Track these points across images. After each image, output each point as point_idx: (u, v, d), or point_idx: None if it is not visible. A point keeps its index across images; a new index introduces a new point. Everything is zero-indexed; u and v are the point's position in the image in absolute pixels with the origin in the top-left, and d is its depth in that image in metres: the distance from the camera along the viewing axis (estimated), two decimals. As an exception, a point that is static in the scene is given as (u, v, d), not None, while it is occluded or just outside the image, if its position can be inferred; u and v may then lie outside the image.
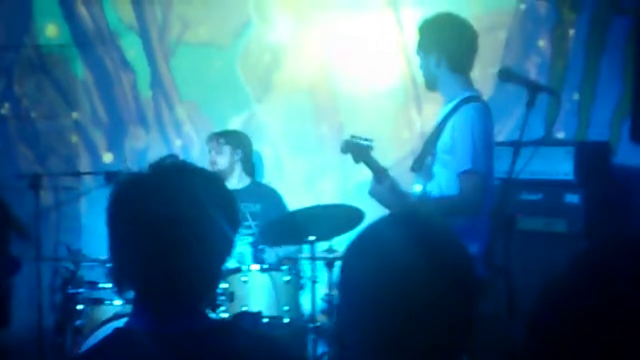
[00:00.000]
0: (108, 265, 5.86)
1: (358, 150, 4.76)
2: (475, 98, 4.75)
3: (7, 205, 6.80)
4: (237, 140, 6.89)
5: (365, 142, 4.76)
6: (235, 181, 6.80)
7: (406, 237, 1.89)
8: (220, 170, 6.64)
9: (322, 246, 6.11)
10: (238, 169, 6.87)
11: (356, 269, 1.92)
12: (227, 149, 6.81)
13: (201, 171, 2.38)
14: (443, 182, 4.67)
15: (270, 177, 7.49)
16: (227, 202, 2.33)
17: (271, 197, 6.86)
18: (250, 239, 6.31)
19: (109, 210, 2.26)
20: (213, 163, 6.73)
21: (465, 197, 4.54)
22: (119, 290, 2.34)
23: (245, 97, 7.70)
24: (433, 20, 4.90)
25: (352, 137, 4.84)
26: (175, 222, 2.19)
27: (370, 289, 1.86)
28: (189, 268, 2.21)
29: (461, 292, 1.87)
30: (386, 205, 4.66)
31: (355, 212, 5.78)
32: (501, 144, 5.09)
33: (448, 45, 4.78)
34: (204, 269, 2.25)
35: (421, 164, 4.82)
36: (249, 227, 6.33)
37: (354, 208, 5.84)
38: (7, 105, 7.89)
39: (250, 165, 6.99)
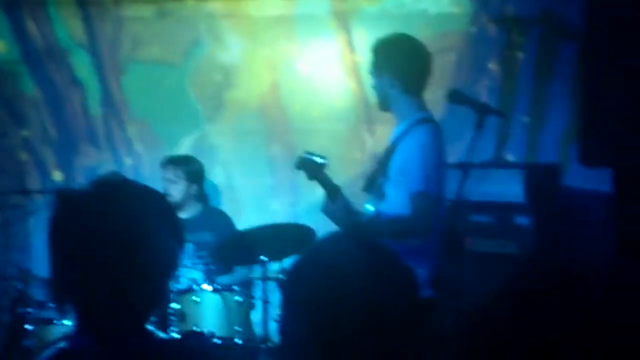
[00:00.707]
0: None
1: (312, 167, 4.76)
2: (427, 120, 4.77)
3: None
4: (194, 174, 6.78)
5: (320, 160, 4.76)
6: (187, 211, 6.73)
7: (350, 255, 1.89)
8: (174, 202, 6.56)
9: (273, 266, 6.09)
10: (191, 200, 6.80)
11: (300, 286, 1.92)
12: (182, 182, 6.72)
13: (142, 188, 2.36)
14: (395, 202, 4.67)
15: (221, 198, 7.47)
16: (169, 219, 2.30)
17: (222, 224, 6.79)
18: (202, 267, 6.25)
19: (50, 226, 2.24)
20: (166, 194, 6.61)
21: (417, 219, 4.54)
22: (60, 309, 2.30)
23: (196, 116, 7.69)
24: (387, 41, 4.90)
25: (307, 153, 4.83)
26: (116, 240, 2.16)
27: (314, 306, 1.86)
28: (131, 286, 2.18)
29: (404, 312, 1.87)
30: (338, 224, 4.67)
31: (307, 231, 5.77)
32: (451, 165, 5.11)
33: (402, 66, 4.79)
34: (147, 287, 2.22)
35: (373, 184, 4.83)
36: (202, 256, 6.29)
37: (306, 227, 5.83)
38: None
39: (203, 194, 6.93)
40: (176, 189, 6.68)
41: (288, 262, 6.09)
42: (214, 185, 7.47)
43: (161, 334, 4.44)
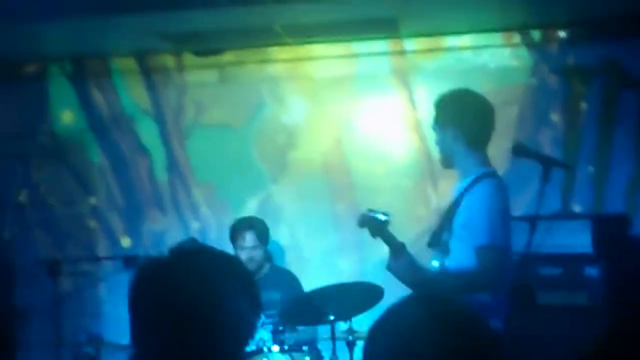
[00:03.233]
0: (129, 350, 5.85)
1: (375, 225, 4.72)
2: (491, 174, 4.73)
3: None
4: (266, 236, 6.84)
5: (382, 217, 4.73)
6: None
7: (428, 317, 1.88)
8: (254, 267, 6.61)
9: (342, 326, 6.08)
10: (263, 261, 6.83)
11: (379, 351, 1.91)
12: (261, 246, 6.76)
13: (221, 255, 2.37)
14: (460, 257, 4.63)
15: (287, 257, 7.50)
16: (248, 286, 2.32)
17: (289, 283, 6.82)
18: (270, 327, 6.26)
19: (130, 294, 2.26)
20: (247, 259, 6.63)
21: (484, 272, 4.50)
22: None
23: (260, 177, 7.74)
24: (450, 96, 4.88)
25: (369, 210, 4.81)
26: (197, 308, 2.18)
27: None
28: (210, 353, 2.20)
29: None
30: (404, 281, 4.63)
31: (374, 289, 5.75)
32: (518, 218, 5.07)
33: (465, 120, 4.75)
34: (225, 353, 2.24)
35: (438, 240, 4.80)
36: (270, 315, 6.30)
37: (373, 285, 5.81)
38: (24, 192, 7.92)
39: (269, 253, 6.96)
40: (258, 254, 6.70)
41: (356, 321, 6.09)
42: (277, 245, 7.50)
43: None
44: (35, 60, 8.01)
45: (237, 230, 6.79)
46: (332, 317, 5.87)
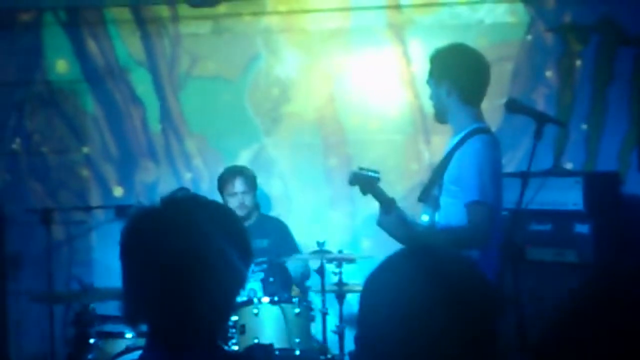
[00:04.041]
0: (120, 299, 5.88)
1: (365, 182, 4.73)
2: (483, 130, 4.73)
3: None
4: (255, 183, 6.88)
5: (373, 174, 4.74)
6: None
7: (423, 270, 1.89)
8: (245, 213, 6.66)
9: (332, 279, 6.12)
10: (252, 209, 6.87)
11: (374, 305, 1.92)
12: (252, 192, 6.80)
13: (212, 204, 2.38)
14: (450, 213, 4.65)
15: (278, 210, 7.52)
16: (239, 235, 2.33)
17: (279, 231, 6.87)
18: (261, 275, 6.30)
19: (121, 244, 2.27)
20: (237, 206, 6.68)
21: (473, 228, 4.51)
22: (131, 324, 2.34)
23: (254, 130, 7.74)
24: (446, 50, 4.87)
25: (360, 168, 4.82)
26: (187, 256, 2.20)
27: (389, 325, 1.86)
28: (201, 301, 2.21)
29: (483, 318, 1.88)
30: (394, 236, 4.64)
31: None
32: (509, 174, 5.08)
33: (460, 75, 4.74)
34: (216, 302, 2.25)
35: (428, 195, 4.81)
36: (260, 263, 6.34)
37: None
38: (18, 140, 7.92)
39: (257, 201, 6.99)
40: (248, 199, 6.75)
41: (346, 273, 6.13)
42: (269, 197, 7.54)
43: (229, 348, 4.50)
44: (30, 9, 7.97)
45: (226, 177, 6.84)
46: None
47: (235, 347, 5.75)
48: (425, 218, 4.76)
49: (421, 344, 1.83)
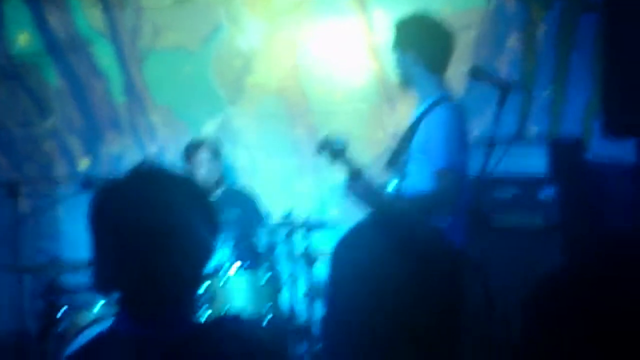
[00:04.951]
0: (88, 270, 5.87)
1: (333, 150, 4.77)
2: (449, 98, 4.78)
3: None
4: (218, 152, 6.86)
5: (339, 142, 4.78)
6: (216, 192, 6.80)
7: (390, 237, 1.90)
8: (211, 183, 6.67)
9: (300, 244, 6.16)
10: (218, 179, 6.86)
11: (342, 273, 1.94)
12: (216, 161, 6.79)
13: (178, 177, 2.39)
14: (417, 180, 4.69)
15: (245, 180, 7.52)
16: (205, 206, 2.33)
17: (247, 202, 6.87)
18: (230, 245, 6.30)
19: (89, 217, 2.27)
20: (202, 175, 6.69)
21: (440, 195, 4.55)
22: (101, 293, 2.34)
23: (218, 101, 7.72)
24: (411, 19, 4.90)
25: (327, 137, 4.85)
26: (155, 229, 2.20)
27: (357, 292, 1.88)
28: (169, 273, 2.22)
29: (450, 285, 1.90)
30: (362, 203, 4.68)
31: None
32: (474, 142, 5.10)
33: (425, 45, 4.79)
34: (184, 274, 2.26)
35: (395, 163, 4.84)
36: (229, 234, 6.34)
37: None
38: (-19, 113, 7.88)
39: (223, 172, 6.99)
40: (214, 168, 6.73)
41: (315, 239, 6.16)
42: (235, 167, 7.53)
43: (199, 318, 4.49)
44: (-10, -19, 7.91)
45: (190, 147, 6.81)
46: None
47: (205, 317, 5.75)
48: (392, 185, 4.79)
49: (388, 311, 1.85)
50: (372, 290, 1.86)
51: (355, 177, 4.70)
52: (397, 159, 4.84)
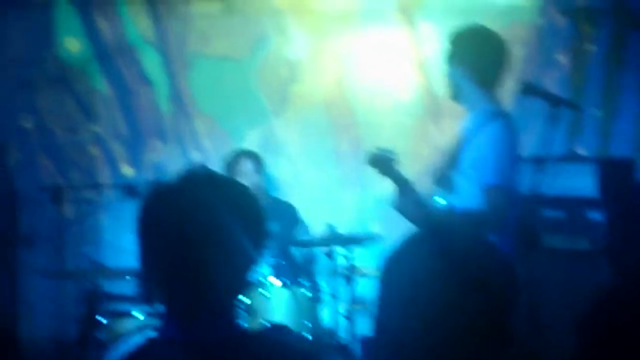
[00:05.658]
0: (130, 277, 5.88)
1: (384, 163, 4.73)
2: (501, 113, 4.71)
3: None
4: (263, 166, 6.83)
5: (390, 155, 4.74)
6: None
7: (442, 252, 1.87)
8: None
9: (342, 262, 6.11)
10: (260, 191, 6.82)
11: (393, 288, 1.91)
12: (260, 173, 6.75)
13: (231, 182, 2.37)
14: (466, 196, 4.63)
15: (287, 192, 7.50)
16: (255, 214, 2.32)
17: (289, 215, 6.84)
18: (272, 259, 6.27)
19: (139, 219, 2.25)
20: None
21: (491, 211, 4.49)
22: (148, 300, 2.33)
23: (262, 110, 7.73)
24: (466, 33, 4.84)
25: (378, 149, 4.81)
26: (204, 233, 2.18)
27: (409, 308, 1.85)
28: (215, 278, 2.20)
29: (502, 301, 1.86)
30: (410, 218, 4.63)
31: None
32: (523, 159, 5.05)
33: (479, 59, 4.72)
34: (230, 279, 2.24)
35: (443, 178, 4.80)
36: (271, 247, 6.30)
37: None
38: (28, 118, 7.92)
39: (265, 184, 6.96)
40: (256, 179, 6.68)
41: (357, 257, 6.12)
42: (278, 178, 7.52)
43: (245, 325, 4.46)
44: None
45: (233, 158, 6.77)
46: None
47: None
48: (440, 201, 4.74)
49: (440, 327, 1.83)
50: (423, 306, 1.83)
51: (405, 191, 4.65)
52: (445, 173, 4.79)
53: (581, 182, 5.93)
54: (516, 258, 4.64)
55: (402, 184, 4.66)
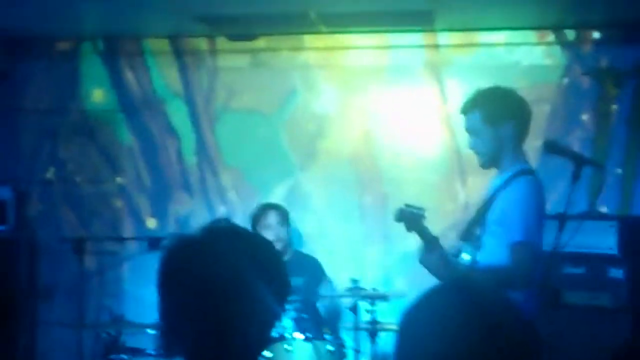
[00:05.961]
0: (150, 331, 5.88)
1: (411, 219, 4.72)
2: (529, 171, 4.72)
3: None
4: (288, 219, 6.87)
5: (418, 211, 4.74)
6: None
7: (462, 306, 1.87)
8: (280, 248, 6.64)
9: (365, 316, 6.10)
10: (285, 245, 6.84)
11: (412, 341, 1.90)
12: (284, 227, 6.79)
13: (252, 236, 2.38)
14: (492, 253, 4.61)
15: (312, 246, 7.51)
16: (278, 268, 2.32)
17: (313, 269, 6.84)
18: (294, 312, 6.25)
19: (160, 271, 2.25)
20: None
21: (517, 269, 4.47)
22: (168, 354, 2.32)
23: (289, 165, 7.76)
24: (503, 92, 4.83)
25: (406, 205, 4.81)
26: (226, 287, 2.18)
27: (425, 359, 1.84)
28: (237, 332, 2.19)
29: (524, 355, 1.85)
30: (436, 275, 4.61)
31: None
32: (547, 216, 5.04)
33: (523, 116, 4.76)
34: (252, 334, 2.23)
35: (470, 234, 4.78)
36: (293, 301, 6.30)
37: None
38: (52, 169, 7.97)
39: (290, 237, 6.98)
40: (282, 233, 6.72)
41: (380, 311, 6.11)
42: (303, 233, 7.53)
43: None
44: (68, 38, 8.04)
45: (259, 211, 6.82)
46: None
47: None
48: (466, 257, 4.73)
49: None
50: (438, 357, 1.83)
51: (432, 248, 4.65)
52: (472, 230, 4.78)
53: (602, 240, 5.93)
54: (539, 315, 4.62)
55: (429, 240, 4.66)
